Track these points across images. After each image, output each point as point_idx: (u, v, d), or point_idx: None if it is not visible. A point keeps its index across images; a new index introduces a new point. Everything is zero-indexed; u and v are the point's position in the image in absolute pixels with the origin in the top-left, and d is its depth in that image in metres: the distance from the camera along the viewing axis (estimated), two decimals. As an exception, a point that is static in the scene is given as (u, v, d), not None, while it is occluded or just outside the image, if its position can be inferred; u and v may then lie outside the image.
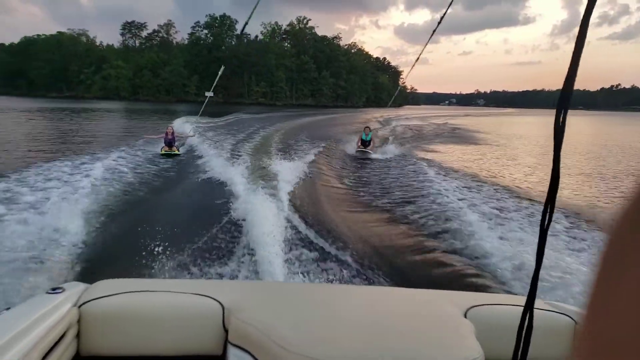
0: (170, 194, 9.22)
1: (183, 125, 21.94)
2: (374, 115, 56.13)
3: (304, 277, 4.97)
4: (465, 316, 1.80)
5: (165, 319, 1.74)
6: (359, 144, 16.65)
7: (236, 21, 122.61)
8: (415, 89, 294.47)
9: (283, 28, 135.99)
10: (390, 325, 1.63)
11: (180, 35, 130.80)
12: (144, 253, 5.08)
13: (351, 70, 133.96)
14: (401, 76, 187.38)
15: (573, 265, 5.35)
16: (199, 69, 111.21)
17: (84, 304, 1.73)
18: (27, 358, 1.36)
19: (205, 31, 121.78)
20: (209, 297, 1.79)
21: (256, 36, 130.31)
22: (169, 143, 14.31)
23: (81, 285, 1.88)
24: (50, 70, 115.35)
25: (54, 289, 1.76)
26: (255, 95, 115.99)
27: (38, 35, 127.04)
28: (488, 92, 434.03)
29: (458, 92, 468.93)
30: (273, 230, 6.12)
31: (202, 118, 24.80)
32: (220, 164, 11.90)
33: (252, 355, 1.56)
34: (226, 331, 1.73)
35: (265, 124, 30.60)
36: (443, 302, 1.90)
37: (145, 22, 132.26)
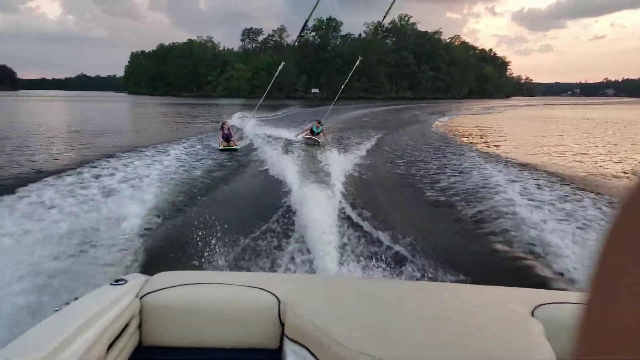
0: (226, 187, 9.37)
1: (240, 122, 22.56)
2: (455, 106, 60.20)
3: (362, 271, 4.76)
4: (532, 315, 1.72)
5: (223, 312, 1.77)
6: (307, 134, 17.22)
7: (341, 23, 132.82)
8: (530, 79, 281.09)
9: (385, 26, 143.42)
10: (454, 323, 1.57)
11: (291, 38, 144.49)
12: (199, 245, 5.18)
13: (451, 63, 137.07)
14: (508, 67, 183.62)
15: None
16: (307, 69, 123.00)
17: (145, 295, 1.79)
18: (94, 347, 1.43)
19: (313, 33, 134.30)
20: (265, 290, 1.81)
21: (359, 34, 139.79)
22: (227, 138, 14.56)
23: (142, 277, 1.96)
24: (184, 74, 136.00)
25: (117, 281, 1.86)
26: (357, 90, 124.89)
27: (173, 43, 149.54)
28: (620, 80, 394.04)
29: (584, 82, 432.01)
30: (328, 220, 6.05)
31: (262, 112, 26.29)
32: (275, 156, 12.14)
33: (309, 350, 1.55)
34: (282, 325, 1.73)
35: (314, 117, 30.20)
36: (509, 299, 1.80)
37: (261, 28, 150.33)
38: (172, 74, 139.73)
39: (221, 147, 14.20)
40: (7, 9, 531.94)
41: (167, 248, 5.48)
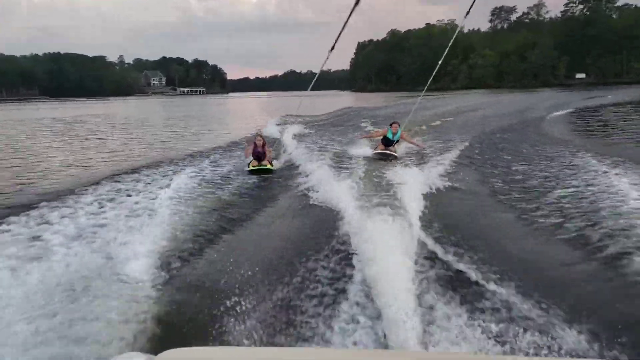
0: (252, 224, 7.37)
1: (278, 130, 18.79)
2: None
3: (453, 345, 3.57)
4: None
5: None
6: (381, 143, 13.28)
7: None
8: None
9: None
10: None
11: (553, 12, 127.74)
12: (217, 310, 4.13)
13: None
14: None
15: None
16: (570, 49, 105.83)
17: None
18: None
19: (581, 6, 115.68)
20: None
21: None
22: (259, 156, 11.63)
23: (142, 357, 1.58)
24: (420, 65, 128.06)
25: None
26: (636, 72, 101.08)
27: (408, 30, 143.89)
28: None
29: None
30: (402, 271, 4.51)
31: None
32: (325, 176, 9.36)
33: None
34: None
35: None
36: None
37: (515, 6, 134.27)
38: (404, 65, 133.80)
39: (251, 168, 11.42)
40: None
41: (174, 315, 4.28)
